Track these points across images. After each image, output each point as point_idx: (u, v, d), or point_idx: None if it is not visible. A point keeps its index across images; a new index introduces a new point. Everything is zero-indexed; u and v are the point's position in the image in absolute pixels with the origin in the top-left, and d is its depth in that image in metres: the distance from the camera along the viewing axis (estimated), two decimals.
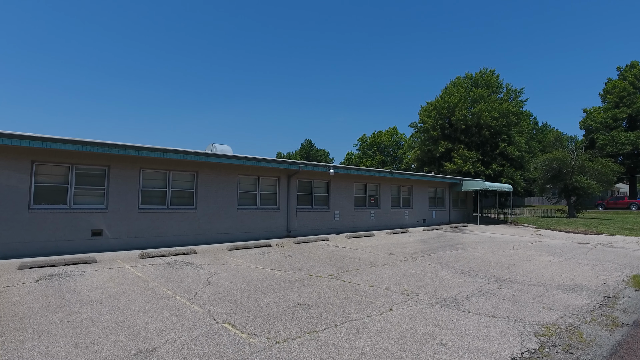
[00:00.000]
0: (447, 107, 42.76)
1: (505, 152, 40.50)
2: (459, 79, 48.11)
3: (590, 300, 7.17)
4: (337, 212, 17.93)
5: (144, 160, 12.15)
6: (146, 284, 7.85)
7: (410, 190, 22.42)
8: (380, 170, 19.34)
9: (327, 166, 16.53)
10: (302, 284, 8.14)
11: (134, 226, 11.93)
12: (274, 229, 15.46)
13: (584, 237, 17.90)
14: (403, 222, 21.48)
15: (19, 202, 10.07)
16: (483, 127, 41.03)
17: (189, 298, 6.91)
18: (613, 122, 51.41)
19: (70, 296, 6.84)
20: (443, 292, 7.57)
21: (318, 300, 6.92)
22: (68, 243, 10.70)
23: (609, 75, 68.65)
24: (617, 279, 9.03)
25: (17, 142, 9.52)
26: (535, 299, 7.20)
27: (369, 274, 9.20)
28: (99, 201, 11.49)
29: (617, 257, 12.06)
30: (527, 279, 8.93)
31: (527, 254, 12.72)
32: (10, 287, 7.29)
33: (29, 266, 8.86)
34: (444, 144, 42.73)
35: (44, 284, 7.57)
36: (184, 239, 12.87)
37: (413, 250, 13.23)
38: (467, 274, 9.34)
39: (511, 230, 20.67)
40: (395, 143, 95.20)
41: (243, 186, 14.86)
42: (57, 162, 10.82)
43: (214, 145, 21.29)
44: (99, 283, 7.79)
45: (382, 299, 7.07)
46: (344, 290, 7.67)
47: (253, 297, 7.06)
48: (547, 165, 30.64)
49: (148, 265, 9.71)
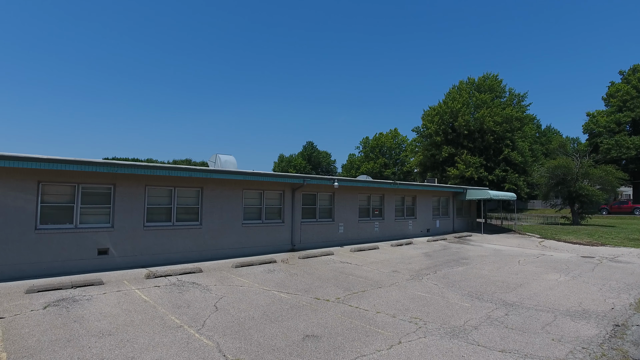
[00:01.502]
0: (450, 113, 42.72)
1: (509, 158, 40.39)
2: (462, 83, 48.05)
3: (599, 330, 7.13)
4: (342, 224, 17.92)
5: (149, 178, 12.16)
6: (154, 310, 7.85)
7: (414, 200, 22.39)
8: (384, 182, 19.33)
9: (331, 179, 16.53)
10: (310, 309, 8.13)
11: (140, 244, 11.94)
12: (279, 243, 15.46)
13: (589, 249, 17.83)
14: (407, 232, 21.45)
15: (26, 223, 10.09)
16: (486, 132, 40.95)
17: (197, 328, 6.90)
18: (616, 126, 51.26)
19: (79, 326, 6.84)
20: (451, 320, 7.55)
21: (326, 330, 6.91)
22: (74, 263, 10.72)
23: (613, 79, 68.52)
24: (625, 302, 8.99)
25: (23, 164, 9.55)
26: (544, 328, 7.17)
27: (376, 297, 9.18)
28: (104, 220, 11.51)
29: (624, 275, 12.01)
30: (534, 302, 8.89)
31: (533, 270, 12.68)
32: (19, 316, 7.30)
33: (36, 290, 8.87)
34: (447, 149, 42.67)
35: (52, 312, 7.58)
36: (189, 256, 12.88)
37: (418, 266, 13.20)
38: (474, 297, 9.31)
39: (515, 241, 20.61)
40: (397, 145, 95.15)
41: (248, 201, 14.87)
42: (63, 182, 10.85)
43: (217, 155, 21.31)
44: (107, 310, 7.79)
45: (391, 328, 7.05)
46: (352, 317, 7.65)
47: (261, 326, 7.05)
48: (551, 173, 30.57)
49: (154, 287, 9.72)
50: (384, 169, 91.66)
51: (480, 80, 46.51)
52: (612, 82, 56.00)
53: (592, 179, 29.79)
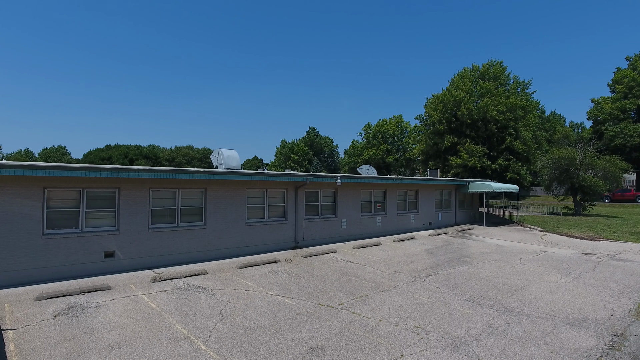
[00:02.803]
0: (453, 101, 42.39)
1: (512, 147, 40.24)
2: (466, 70, 47.50)
3: (597, 341, 7.25)
4: (344, 220, 18.03)
5: (153, 181, 12.24)
6: (161, 319, 8.02)
7: (417, 194, 22.45)
8: (387, 178, 19.36)
9: (334, 177, 16.57)
10: (313, 318, 8.28)
11: (145, 246, 12.10)
12: (282, 241, 15.61)
13: (590, 244, 17.92)
14: (409, 226, 21.58)
15: (33, 229, 10.23)
16: (489, 121, 40.71)
17: (204, 340, 7.07)
18: (621, 113, 50.73)
19: (89, 339, 7.01)
20: (452, 330, 7.69)
21: (330, 342, 7.06)
22: (81, 266, 10.90)
23: (620, 64, 67.47)
24: (625, 308, 9.11)
25: (28, 172, 9.65)
26: (544, 339, 7.30)
27: (379, 303, 9.33)
28: (110, 223, 11.64)
29: (624, 276, 12.12)
30: (535, 308, 9.02)
31: (534, 270, 12.79)
32: (30, 327, 7.48)
33: (46, 297, 9.06)
34: (450, 138, 42.51)
35: (62, 322, 7.76)
36: (194, 256, 13.05)
37: (420, 266, 13.34)
38: (476, 302, 9.44)
39: (517, 235, 20.71)
40: (401, 132, 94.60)
41: (251, 200, 14.96)
42: (68, 187, 10.94)
43: (220, 150, 21.33)
44: (115, 319, 7.97)
45: (393, 339, 7.20)
46: (355, 327, 7.81)
47: (266, 338, 7.21)
48: (554, 164, 30.48)
49: (161, 291, 9.89)
50: (386, 155, 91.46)
51: (484, 68, 45.97)
52: (618, 68, 55.14)
53: (596, 169, 29.72)
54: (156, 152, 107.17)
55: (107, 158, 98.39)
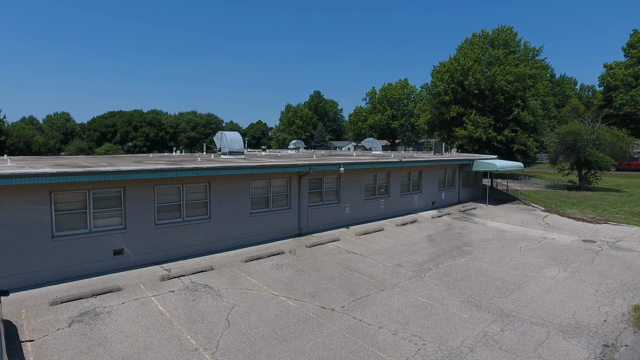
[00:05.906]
0: (461, 70, 41.23)
1: (519, 118, 39.53)
2: (475, 35, 45.80)
3: (589, 352, 7.55)
4: (347, 205, 18.22)
5: (157, 179, 12.35)
6: (170, 327, 8.42)
7: (420, 174, 22.45)
8: (390, 162, 19.31)
9: (337, 164, 16.58)
10: (316, 324, 8.64)
11: (153, 242, 12.42)
12: (286, 229, 15.90)
13: (591, 228, 18.07)
14: (412, 207, 21.77)
15: (43, 232, 10.50)
16: (497, 92, 39.75)
17: (212, 352, 7.46)
18: (634, 79, 49.31)
19: (102, 351, 7.42)
20: (449, 339, 8.02)
21: (331, 354, 7.43)
22: (92, 265, 11.27)
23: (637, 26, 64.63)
24: (618, 311, 9.38)
25: (34, 180, 9.79)
26: (536, 350, 7.62)
27: (379, 305, 9.66)
28: (117, 222, 11.90)
29: (622, 270, 12.34)
30: (530, 312, 9.31)
31: (533, 263, 13.03)
32: (47, 338, 7.89)
33: (60, 301, 9.46)
34: (456, 108, 41.74)
35: (76, 331, 8.17)
36: (200, 249, 13.39)
37: (421, 258, 13.61)
38: (473, 304, 9.75)
39: (519, 217, 20.86)
40: (406, 96, 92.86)
41: (255, 190, 15.10)
42: (74, 189, 11.09)
43: (223, 133, 21.29)
44: (127, 328, 8.37)
45: (392, 350, 7.55)
46: (356, 335, 8.16)
47: (271, 349, 7.59)
48: (561, 139, 30.09)
49: (169, 292, 10.28)
50: (391, 121, 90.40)
51: (494, 34, 44.27)
52: (635, 30, 52.94)
53: (603, 144, 29.33)
54: (160, 119, 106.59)
55: (111, 125, 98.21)
